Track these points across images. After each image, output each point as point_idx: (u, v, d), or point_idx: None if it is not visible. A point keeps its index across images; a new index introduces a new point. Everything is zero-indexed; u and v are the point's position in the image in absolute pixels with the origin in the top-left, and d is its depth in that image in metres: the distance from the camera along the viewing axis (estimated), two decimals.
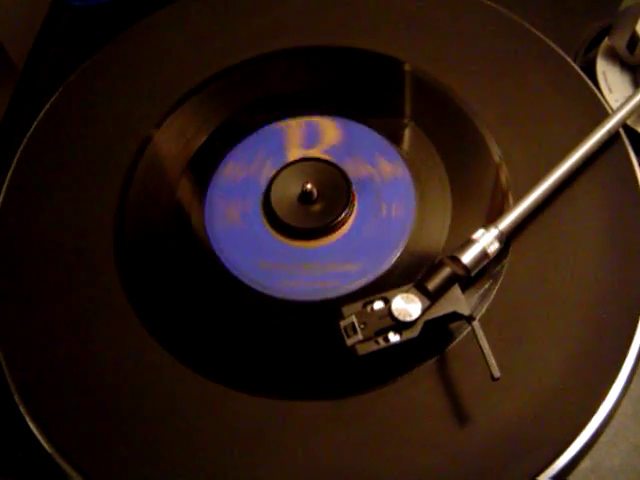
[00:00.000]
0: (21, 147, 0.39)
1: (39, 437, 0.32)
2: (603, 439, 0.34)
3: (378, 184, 0.37)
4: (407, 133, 0.39)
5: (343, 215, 0.36)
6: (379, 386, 0.32)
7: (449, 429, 0.32)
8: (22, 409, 0.33)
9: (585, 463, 0.33)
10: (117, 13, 0.46)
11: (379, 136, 0.38)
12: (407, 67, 0.40)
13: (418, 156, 0.38)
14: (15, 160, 0.38)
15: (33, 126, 0.40)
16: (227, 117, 0.38)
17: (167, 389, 0.32)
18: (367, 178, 0.37)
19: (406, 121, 0.39)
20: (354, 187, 0.37)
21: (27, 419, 0.32)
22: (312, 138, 0.38)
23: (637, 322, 0.33)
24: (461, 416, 0.32)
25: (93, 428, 0.32)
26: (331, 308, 0.32)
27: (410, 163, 0.37)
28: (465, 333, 0.33)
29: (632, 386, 0.34)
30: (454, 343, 0.33)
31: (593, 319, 0.33)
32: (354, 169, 0.37)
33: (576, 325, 0.33)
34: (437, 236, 0.35)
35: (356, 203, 0.36)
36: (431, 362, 0.33)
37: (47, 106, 0.40)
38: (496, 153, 0.38)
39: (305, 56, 0.40)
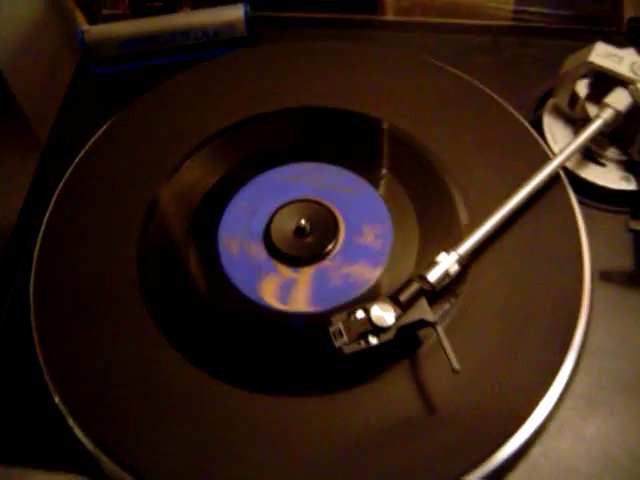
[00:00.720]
0: (53, 198, 0.46)
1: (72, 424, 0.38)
2: (551, 427, 0.40)
3: (360, 220, 0.44)
4: (384, 181, 0.46)
5: (331, 246, 0.43)
6: (362, 383, 0.39)
7: (419, 419, 0.38)
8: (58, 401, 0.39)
9: (537, 448, 0.39)
10: (134, 80, 0.53)
11: (357, 178, 0.45)
12: (385, 125, 0.48)
13: (392, 198, 0.45)
14: (50, 207, 0.45)
15: (62, 181, 0.47)
16: (229, 168, 0.46)
17: (180, 387, 0.39)
18: (350, 214, 0.44)
19: (384, 171, 0.47)
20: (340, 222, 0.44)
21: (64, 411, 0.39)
22: (304, 184, 0.45)
23: (574, 328, 0.40)
24: (429, 407, 0.38)
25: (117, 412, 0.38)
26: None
27: (386, 203, 0.45)
28: (431, 340, 0.40)
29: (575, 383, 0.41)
30: (422, 348, 0.40)
31: (535, 326, 0.40)
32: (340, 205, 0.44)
33: (522, 332, 0.40)
34: (408, 261, 0.42)
35: (342, 235, 0.44)
36: (404, 363, 0.39)
37: (77, 160, 0.47)
38: (457, 195, 0.45)
39: (297, 115, 0.48)
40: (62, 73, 0.71)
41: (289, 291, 0.41)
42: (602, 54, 0.46)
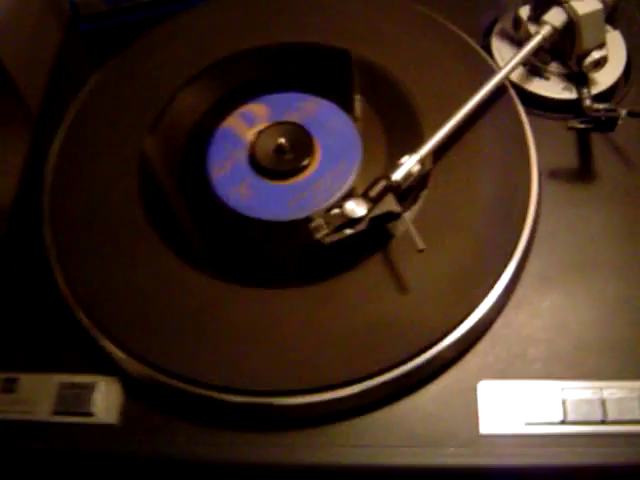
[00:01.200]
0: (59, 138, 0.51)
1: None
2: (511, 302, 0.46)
3: (334, 138, 0.50)
4: (356, 104, 0.52)
5: (307, 161, 0.49)
6: (343, 272, 0.45)
7: (393, 299, 0.44)
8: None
9: (499, 321, 0.45)
10: (120, 35, 0.58)
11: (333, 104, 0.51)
12: (354, 56, 0.53)
13: (363, 118, 0.51)
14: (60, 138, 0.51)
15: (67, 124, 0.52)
16: (221, 95, 0.51)
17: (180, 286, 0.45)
18: (326, 134, 0.49)
19: (353, 95, 0.52)
20: (315, 140, 0.49)
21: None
22: (285, 109, 0.51)
23: (525, 217, 0.46)
24: (401, 288, 0.44)
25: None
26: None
27: (357, 123, 0.50)
28: (399, 234, 0.46)
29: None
30: (392, 241, 0.46)
31: (491, 218, 0.46)
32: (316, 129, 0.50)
33: (479, 224, 0.46)
34: (377, 166, 0.48)
35: (318, 152, 0.49)
36: (378, 254, 0.45)
37: (78, 101, 0.53)
38: (418, 109, 0.51)
39: (280, 51, 0.53)
40: (47, 39, 0.76)
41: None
42: None
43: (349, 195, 0.45)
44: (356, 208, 0.42)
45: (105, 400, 0.44)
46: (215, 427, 0.43)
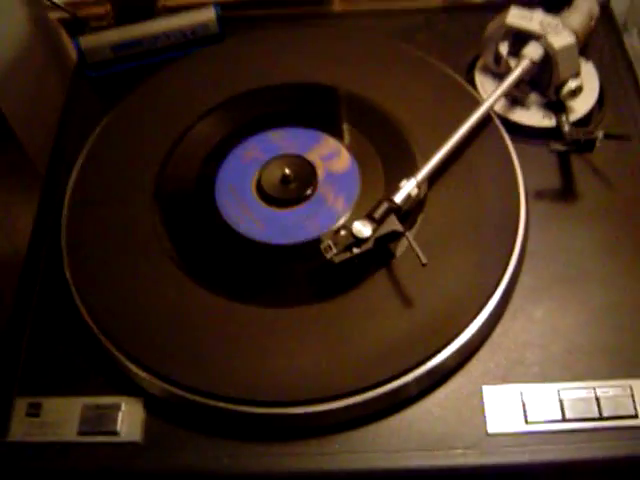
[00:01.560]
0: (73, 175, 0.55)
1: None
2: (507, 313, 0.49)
3: (335, 168, 0.53)
4: (351, 136, 0.56)
5: (310, 190, 0.52)
6: (350, 290, 0.48)
7: (397, 312, 0.47)
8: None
9: (497, 330, 0.49)
10: (125, 80, 0.62)
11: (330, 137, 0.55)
12: (348, 92, 0.58)
13: (359, 149, 0.55)
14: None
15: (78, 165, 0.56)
16: (233, 128, 0.55)
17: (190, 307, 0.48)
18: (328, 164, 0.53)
19: (349, 127, 0.56)
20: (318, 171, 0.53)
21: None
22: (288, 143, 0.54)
23: (515, 235, 0.50)
24: (403, 301, 0.47)
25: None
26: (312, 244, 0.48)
27: (354, 154, 0.54)
28: (399, 254, 0.49)
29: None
30: (395, 259, 0.49)
31: (483, 237, 0.50)
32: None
33: (471, 242, 0.49)
34: (375, 192, 0.51)
35: (320, 182, 0.53)
36: (381, 273, 0.49)
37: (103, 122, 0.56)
38: (411, 139, 0.54)
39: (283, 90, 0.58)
40: (49, 91, 0.80)
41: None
42: (516, 16, 0.56)
43: (354, 218, 0.48)
44: (362, 228, 0.46)
45: (128, 419, 0.46)
46: (234, 439, 0.45)
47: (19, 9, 0.71)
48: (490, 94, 0.54)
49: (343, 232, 0.46)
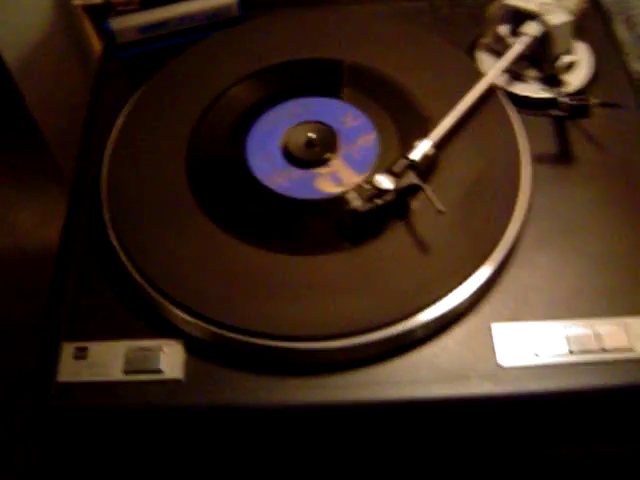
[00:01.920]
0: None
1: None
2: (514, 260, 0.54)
3: (354, 132, 0.58)
4: (370, 106, 0.60)
5: (332, 153, 0.57)
6: (373, 239, 0.52)
7: (415, 258, 0.52)
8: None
9: (506, 276, 0.53)
10: (151, 60, 0.67)
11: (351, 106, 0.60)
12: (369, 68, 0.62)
13: (377, 118, 0.59)
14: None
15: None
16: (259, 98, 0.60)
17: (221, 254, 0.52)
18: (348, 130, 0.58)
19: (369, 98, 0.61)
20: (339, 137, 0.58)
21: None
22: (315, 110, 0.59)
23: (518, 190, 0.55)
24: (421, 248, 0.52)
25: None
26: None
27: (372, 118, 0.59)
28: (416, 207, 0.54)
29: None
30: (411, 213, 0.54)
31: (491, 194, 0.54)
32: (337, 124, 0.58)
33: (480, 198, 0.54)
34: (392, 154, 0.56)
35: (341, 145, 0.57)
36: (400, 223, 0.53)
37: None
38: (422, 108, 0.59)
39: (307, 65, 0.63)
40: (68, 76, 0.84)
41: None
42: None
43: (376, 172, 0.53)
44: (384, 181, 0.51)
45: (170, 359, 0.50)
46: (269, 375, 0.50)
47: None
48: (494, 67, 0.59)
49: (367, 185, 0.51)
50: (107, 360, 0.50)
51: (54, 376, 0.50)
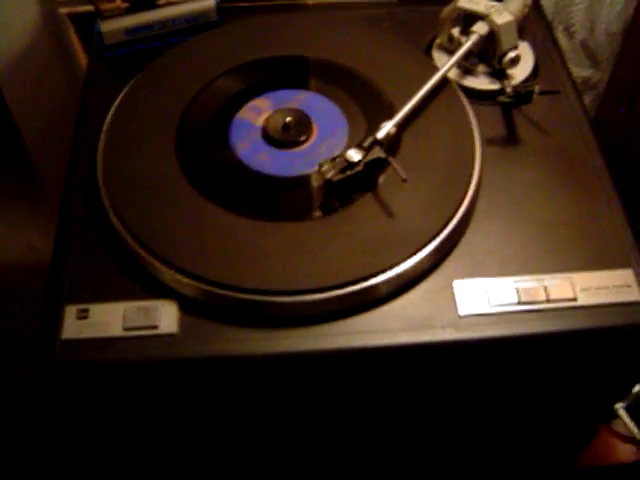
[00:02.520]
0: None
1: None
2: (471, 226, 0.61)
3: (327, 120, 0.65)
4: (340, 96, 0.67)
5: (307, 136, 0.64)
6: (346, 206, 0.59)
7: (385, 221, 0.58)
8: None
9: (464, 239, 0.60)
10: (137, 59, 0.73)
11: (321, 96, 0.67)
12: (336, 62, 0.69)
13: (346, 106, 0.66)
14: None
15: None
16: (235, 91, 0.66)
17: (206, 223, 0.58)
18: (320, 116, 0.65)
19: (337, 90, 0.68)
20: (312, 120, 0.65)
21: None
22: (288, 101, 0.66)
23: (472, 167, 0.62)
24: (388, 213, 0.59)
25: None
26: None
27: (341, 107, 0.66)
28: (382, 179, 0.61)
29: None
30: (378, 185, 0.61)
31: (446, 169, 0.62)
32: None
33: (437, 172, 0.61)
34: (362, 134, 0.63)
35: (315, 129, 0.64)
36: (368, 194, 0.60)
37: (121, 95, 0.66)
38: (385, 96, 0.67)
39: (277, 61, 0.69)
40: (52, 82, 0.89)
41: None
42: (465, 1, 0.69)
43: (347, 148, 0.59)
44: (354, 154, 0.58)
45: (165, 316, 0.56)
46: (254, 327, 0.55)
47: (32, 4, 0.80)
48: (447, 61, 0.66)
49: (338, 158, 0.58)
50: (107, 319, 0.56)
51: (58, 334, 0.55)
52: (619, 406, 0.74)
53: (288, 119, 0.63)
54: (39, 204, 1.07)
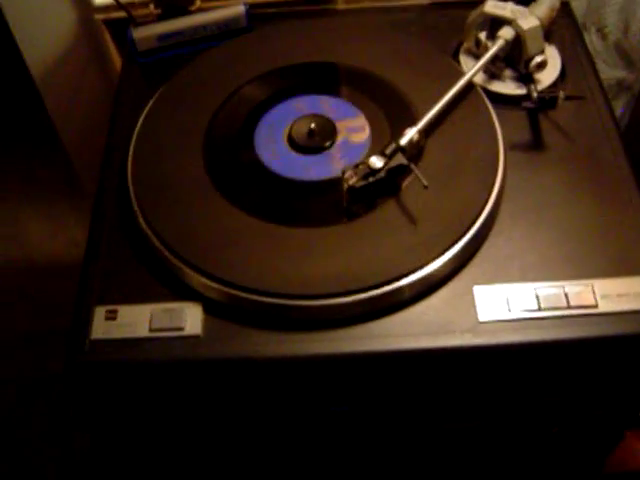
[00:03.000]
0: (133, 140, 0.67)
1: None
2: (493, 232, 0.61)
3: (352, 125, 0.66)
4: (365, 101, 0.68)
5: (331, 141, 0.65)
6: (369, 212, 0.60)
7: (407, 229, 0.59)
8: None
9: (487, 243, 0.61)
10: (169, 65, 0.74)
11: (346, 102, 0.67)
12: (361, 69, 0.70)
13: (371, 112, 0.67)
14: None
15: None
16: (266, 95, 0.68)
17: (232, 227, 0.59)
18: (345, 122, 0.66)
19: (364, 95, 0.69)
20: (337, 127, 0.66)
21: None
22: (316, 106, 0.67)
23: (496, 171, 0.62)
24: (413, 217, 0.59)
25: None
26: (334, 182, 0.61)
27: (366, 112, 0.67)
28: (405, 184, 0.61)
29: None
30: (401, 190, 0.61)
31: (470, 173, 0.62)
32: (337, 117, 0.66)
33: (461, 176, 0.62)
34: (386, 140, 0.64)
35: (339, 135, 0.65)
36: (392, 199, 0.61)
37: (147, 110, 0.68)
38: (410, 102, 0.67)
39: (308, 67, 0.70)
40: (89, 86, 0.92)
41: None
42: (492, 6, 0.69)
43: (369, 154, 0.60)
44: (376, 161, 0.58)
45: (190, 318, 0.57)
46: (276, 330, 0.57)
47: (69, 11, 0.83)
48: (473, 66, 0.67)
49: (361, 165, 0.58)
50: (135, 320, 0.57)
51: (87, 335, 0.57)
52: None
53: (313, 125, 0.64)
54: (81, 202, 1.10)
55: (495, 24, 0.70)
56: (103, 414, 0.62)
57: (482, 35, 0.71)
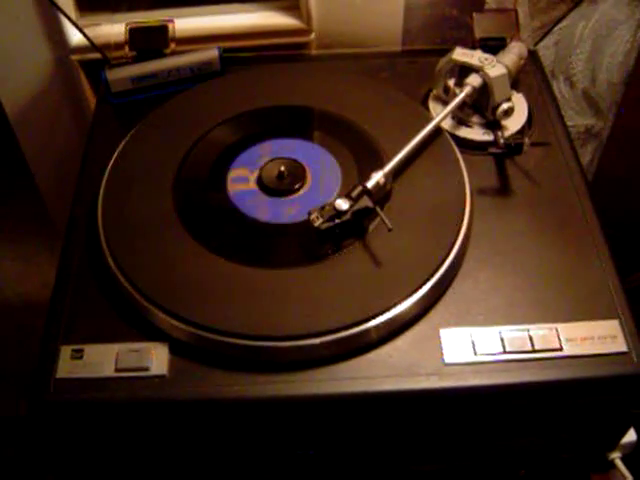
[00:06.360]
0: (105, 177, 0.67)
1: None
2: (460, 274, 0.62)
3: (321, 168, 0.67)
4: (333, 144, 0.69)
5: (301, 184, 0.66)
6: (336, 253, 0.60)
7: (372, 272, 0.60)
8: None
9: (451, 290, 0.61)
10: (141, 107, 0.75)
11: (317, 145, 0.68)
12: (328, 112, 0.72)
13: (339, 154, 0.68)
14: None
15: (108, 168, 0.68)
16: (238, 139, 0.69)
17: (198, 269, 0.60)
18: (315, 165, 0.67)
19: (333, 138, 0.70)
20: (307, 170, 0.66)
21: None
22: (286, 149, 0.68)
23: (462, 218, 0.63)
24: (376, 262, 0.60)
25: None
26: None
27: (336, 155, 0.68)
28: (372, 227, 0.62)
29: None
30: (368, 233, 0.62)
31: (437, 219, 0.63)
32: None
33: (427, 222, 0.62)
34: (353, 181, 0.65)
35: (309, 178, 0.66)
36: (359, 241, 0.61)
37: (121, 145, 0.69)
38: (378, 146, 0.68)
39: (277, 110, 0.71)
40: (63, 130, 0.92)
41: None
42: (460, 54, 0.71)
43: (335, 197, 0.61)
44: (342, 203, 0.59)
45: (156, 358, 0.57)
46: (243, 372, 0.57)
47: (46, 51, 0.84)
48: (439, 112, 0.68)
49: (327, 207, 0.59)
50: (101, 360, 0.57)
51: (53, 373, 0.57)
52: (615, 456, 0.74)
53: (282, 168, 0.65)
54: (54, 243, 1.10)
55: (463, 71, 0.71)
56: (69, 454, 0.61)
57: (451, 82, 0.73)
